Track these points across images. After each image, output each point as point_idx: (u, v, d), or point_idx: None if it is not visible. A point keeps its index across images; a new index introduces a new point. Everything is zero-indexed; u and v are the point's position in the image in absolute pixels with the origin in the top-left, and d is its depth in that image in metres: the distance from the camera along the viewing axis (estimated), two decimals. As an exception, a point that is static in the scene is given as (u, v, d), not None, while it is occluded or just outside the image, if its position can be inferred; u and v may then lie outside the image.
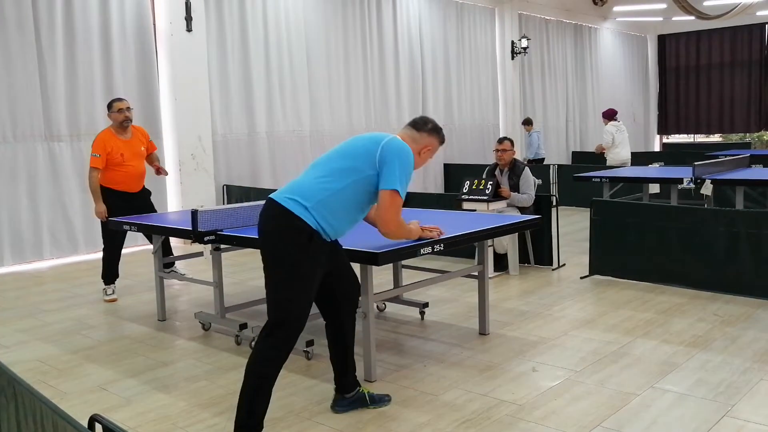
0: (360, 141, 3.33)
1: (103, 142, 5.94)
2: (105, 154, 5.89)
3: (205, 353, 4.55)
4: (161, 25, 9.01)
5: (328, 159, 3.29)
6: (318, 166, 3.27)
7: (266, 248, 3.17)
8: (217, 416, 3.52)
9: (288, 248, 3.10)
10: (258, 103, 10.09)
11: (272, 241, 3.14)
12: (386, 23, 12.05)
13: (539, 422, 3.32)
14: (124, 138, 6.04)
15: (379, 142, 3.25)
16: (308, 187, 3.15)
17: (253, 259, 7.54)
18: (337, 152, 3.30)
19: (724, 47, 19.13)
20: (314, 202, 3.10)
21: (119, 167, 5.97)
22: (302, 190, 3.14)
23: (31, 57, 7.86)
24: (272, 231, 3.15)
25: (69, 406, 3.68)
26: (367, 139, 3.32)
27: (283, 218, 3.10)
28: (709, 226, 5.56)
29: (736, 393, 3.58)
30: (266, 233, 3.17)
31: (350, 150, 3.28)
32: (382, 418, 3.42)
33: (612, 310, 5.20)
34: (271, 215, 3.15)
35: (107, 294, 6.10)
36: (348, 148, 3.30)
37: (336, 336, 3.49)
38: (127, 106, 6.08)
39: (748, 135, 18.96)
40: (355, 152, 3.25)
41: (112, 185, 5.99)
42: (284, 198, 3.12)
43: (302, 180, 3.22)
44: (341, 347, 3.50)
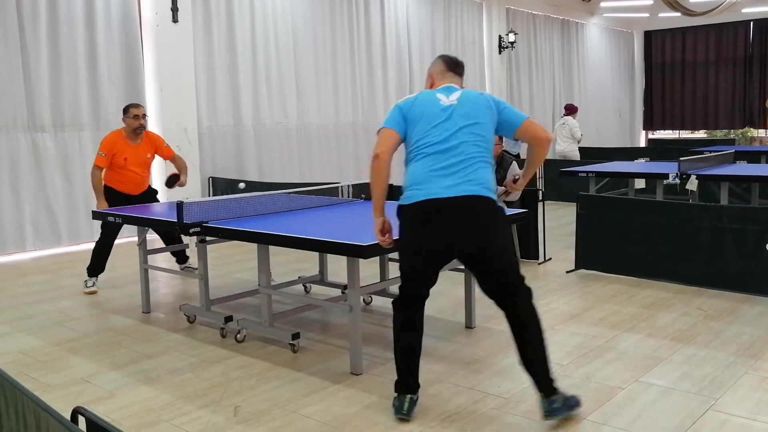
0: (478, 107, 3.34)
1: (111, 143, 5.99)
2: (110, 155, 5.94)
3: (189, 346, 4.52)
4: (147, 15, 8.93)
5: (474, 135, 3.28)
6: (469, 144, 3.26)
7: (492, 237, 3.22)
8: (202, 409, 3.50)
9: (505, 225, 3.34)
10: (244, 95, 10.03)
11: (498, 229, 3.24)
12: (374, 16, 12.01)
13: (525, 416, 3.32)
14: (133, 143, 6.06)
15: (487, 99, 3.39)
16: (484, 175, 3.25)
17: (238, 251, 7.51)
18: (473, 124, 3.28)
19: (709, 44, 19.23)
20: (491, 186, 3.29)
21: (121, 170, 6.02)
22: (485, 178, 3.24)
23: (15, 46, 7.76)
24: (494, 223, 3.23)
25: (52, 398, 3.64)
26: (481, 104, 3.35)
27: (493, 206, 3.25)
28: (694, 221, 5.59)
29: (720, 387, 3.60)
30: (489, 227, 3.22)
31: (481, 118, 3.31)
32: (368, 411, 3.41)
33: (598, 304, 5.22)
34: (486, 209, 3.22)
35: (87, 286, 6.07)
36: (476, 115, 3.31)
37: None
38: (143, 113, 6.12)
39: (733, 131, 19.11)
40: (484, 119, 3.32)
41: (113, 185, 6.06)
42: (481, 189, 3.20)
43: (471, 164, 3.23)
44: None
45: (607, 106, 18.43)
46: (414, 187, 3.23)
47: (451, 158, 3.20)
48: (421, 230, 3.23)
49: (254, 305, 5.34)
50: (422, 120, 3.29)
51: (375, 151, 3.29)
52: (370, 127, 12.04)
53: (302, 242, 3.93)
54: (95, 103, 8.49)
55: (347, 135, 11.65)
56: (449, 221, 3.16)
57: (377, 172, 3.29)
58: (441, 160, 3.20)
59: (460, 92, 3.36)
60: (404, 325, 3.38)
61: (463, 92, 3.37)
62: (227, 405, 3.55)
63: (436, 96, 3.35)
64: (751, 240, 5.30)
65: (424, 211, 3.19)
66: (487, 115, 3.33)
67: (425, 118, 3.29)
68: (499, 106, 3.39)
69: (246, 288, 5.58)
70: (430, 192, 3.17)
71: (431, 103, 3.33)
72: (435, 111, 3.29)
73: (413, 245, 3.29)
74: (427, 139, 3.25)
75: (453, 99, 3.33)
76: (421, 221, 3.22)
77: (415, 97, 3.39)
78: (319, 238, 3.85)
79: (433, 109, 3.30)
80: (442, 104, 3.31)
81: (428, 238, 3.23)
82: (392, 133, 3.32)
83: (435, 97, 3.35)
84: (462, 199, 3.15)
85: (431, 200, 3.16)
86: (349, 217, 4.75)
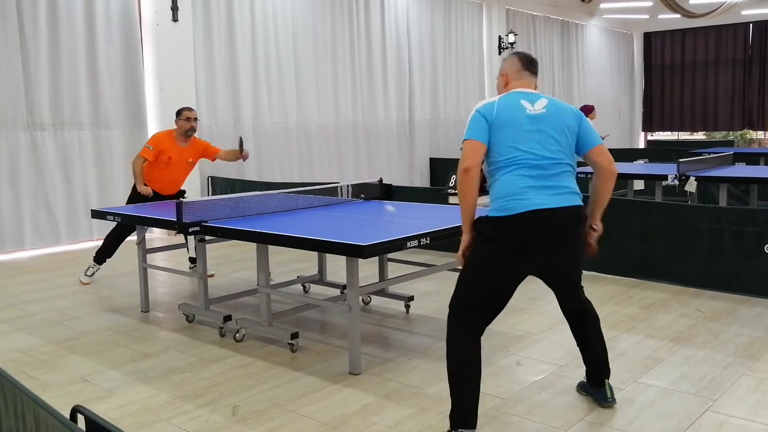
0: (565, 118, 3.19)
1: (160, 139, 6.15)
2: (157, 151, 6.05)
3: (188, 345, 4.52)
4: (147, 14, 8.93)
5: (562, 145, 3.14)
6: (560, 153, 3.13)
7: (580, 250, 3.27)
8: (200, 408, 3.50)
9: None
10: (244, 94, 10.03)
11: (580, 237, 3.23)
12: (374, 16, 12.01)
13: (523, 416, 3.33)
14: (181, 145, 6.18)
15: (573, 111, 3.26)
16: (575, 183, 3.17)
17: (238, 251, 7.51)
18: (561, 135, 3.15)
19: (708, 46, 19.24)
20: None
21: (162, 168, 6.11)
22: (575, 186, 3.16)
23: (14, 45, 7.75)
24: (582, 233, 3.24)
25: (50, 397, 3.64)
26: (568, 114, 3.21)
27: (583, 214, 3.22)
28: (693, 222, 5.60)
29: (718, 388, 3.60)
30: (580, 239, 3.24)
31: (567, 129, 3.17)
32: (367, 412, 3.41)
33: (596, 305, 5.17)
34: (580, 219, 3.18)
35: (86, 274, 6.24)
36: (563, 126, 3.17)
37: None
38: (195, 116, 6.24)
39: (732, 133, 19.12)
40: (570, 131, 3.19)
41: (147, 181, 6.14)
42: (577, 198, 3.13)
43: (563, 173, 3.11)
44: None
45: (606, 107, 18.43)
46: (509, 198, 3.01)
47: (546, 169, 3.05)
48: (520, 241, 3.02)
49: (253, 305, 5.34)
50: (508, 128, 3.08)
51: (464, 164, 3.02)
52: (370, 127, 12.05)
53: (301, 242, 3.93)
54: (95, 102, 8.49)
55: (347, 135, 11.65)
56: (553, 232, 3.05)
57: (468, 186, 3.05)
58: (536, 170, 3.03)
59: (546, 100, 3.18)
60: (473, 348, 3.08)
61: (550, 101, 3.20)
62: (226, 404, 3.55)
63: (521, 103, 3.14)
64: (749, 241, 5.30)
65: (525, 223, 2.99)
66: (573, 126, 3.19)
67: (511, 126, 3.08)
68: (581, 120, 3.24)
69: (245, 287, 5.58)
70: (532, 203, 2.99)
71: (516, 110, 3.12)
72: (521, 119, 3.10)
73: (506, 258, 3.05)
74: (518, 151, 3.05)
75: (540, 107, 3.14)
76: (520, 232, 3.01)
77: (496, 103, 3.14)
78: (319, 238, 3.86)
79: (519, 117, 3.10)
80: (528, 112, 3.12)
81: (525, 250, 3.04)
82: (479, 145, 3.06)
83: (519, 103, 3.13)
84: (564, 210, 3.05)
85: (533, 211, 2.98)
86: (349, 216, 4.75)
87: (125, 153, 8.78)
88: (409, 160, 12.97)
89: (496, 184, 3.10)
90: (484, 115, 3.09)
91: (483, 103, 3.17)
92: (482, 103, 3.18)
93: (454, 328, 3.11)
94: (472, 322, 3.09)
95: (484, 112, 3.11)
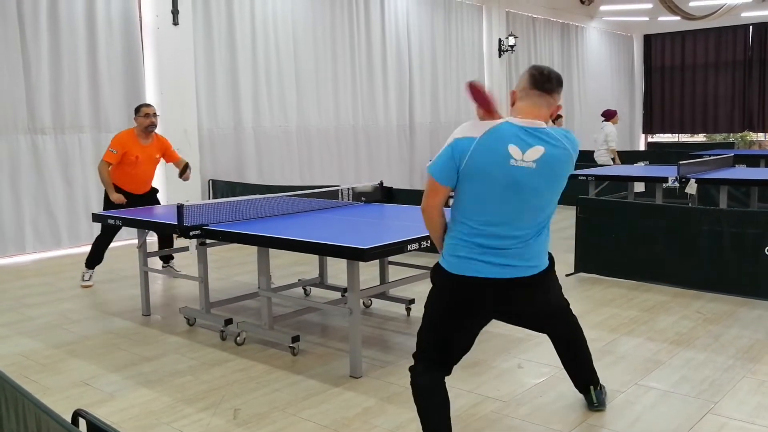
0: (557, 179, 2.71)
1: (123, 141, 6.12)
2: (121, 153, 6.04)
3: (189, 348, 4.52)
4: (147, 17, 8.94)
5: (539, 213, 2.75)
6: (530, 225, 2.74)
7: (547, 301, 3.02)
8: (202, 412, 3.50)
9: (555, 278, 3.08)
10: (244, 97, 10.04)
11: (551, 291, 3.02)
12: (374, 19, 12.03)
13: (524, 419, 3.33)
14: (144, 143, 6.18)
15: (570, 162, 2.72)
16: (538, 248, 2.80)
17: (238, 254, 7.51)
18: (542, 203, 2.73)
19: (709, 48, 19.26)
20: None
21: (131, 168, 6.11)
22: (538, 251, 2.81)
23: (15, 48, 7.77)
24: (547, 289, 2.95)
25: (52, 401, 3.64)
26: (562, 173, 2.71)
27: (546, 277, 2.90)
28: (694, 224, 5.60)
29: (719, 390, 3.60)
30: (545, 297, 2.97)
31: (555, 193, 2.75)
32: (367, 414, 3.42)
33: (597, 307, 5.23)
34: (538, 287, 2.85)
35: (84, 279, 6.27)
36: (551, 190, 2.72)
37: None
38: (154, 111, 6.24)
39: (732, 135, 19.12)
40: (557, 193, 2.77)
41: (119, 183, 6.14)
42: (531, 268, 2.78)
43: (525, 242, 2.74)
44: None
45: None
46: (457, 256, 2.71)
47: (507, 249, 2.68)
48: (464, 299, 2.77)
49: (254, 308, 5.35)
50: (477, 183, 2.62)
51: (423, 202, 2.80)
52: (370, 130, 12.07)
53: (302, 245, 3.93)
54: (95, 106, 8.50)
55: (347, 138, 11.66)
56: (491, 302, 2.76)
57: (429, 224, 2.85)
58: (495, 243, 2.67)
59: (542, 149, 2.60)
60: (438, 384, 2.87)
61: (547, 149, 2.61)
62: (227, 408, 3.55)
63: (508, 150, 2.58)
64: (750, 243, 5.30)
65: (463, 287, 2.73)
66: (565, 175, 2.72)
67: (482, 182, 2.61)
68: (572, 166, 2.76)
69: (246, 291, 5.59)
70: (477, 270, 2.68)
71: (497, 158, 2.59)
72: (498, 174, 2.59)
73: (452, 311, 2.81)
74: (479, 219, 2.67)
75: (530, 159, 2.59)
76: (459, 296, 2.76)
77: (476, 142, 2.60)
78: (319, 241, 3.86)
79: (496, 170, 2.59)
80: (512, 163, 2.58)
81: (471, 308, 2.79)
82: (441, 189, 2.72)
83: (505, 150, 2.58)
84: (512, 281, 2.71)
85: (473, 278, 2.69)
86: (349, 219, 4.76)
87: (126, 156, 8.80)
88: (410, 162, 12.98)
89: (449, 232, 2.79)
90: (454, 154, 2.62)
91: (463, 134, 2.65)
92: (464, 131, 2.67)
93: (415, 371, 2.89)
94: (433, 368, 2.87)
95: (456, 151, 2.62)
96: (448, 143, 2.66)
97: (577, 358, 3.35)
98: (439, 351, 2.87)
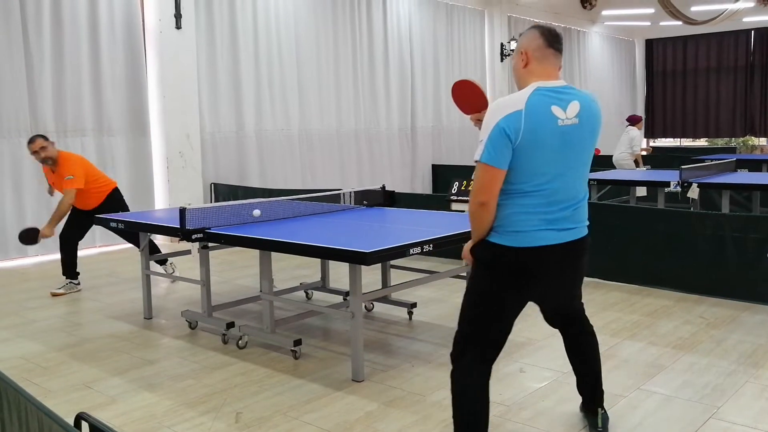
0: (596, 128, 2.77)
1: (77, 163, 6.17)
2: (84, 174, 6.13)
3: (191, 352, 4.52)
4: (150, 22, 8.96)
5: (585, 165, 2.79)
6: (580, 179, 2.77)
7: (580, 281, 3.05)
8: (203, 415, 3.50)
9: None
10: (247, 101, 10.05)
11: (585, 265, 2.95)
12: (376, 23, 12.04)
13: (527, 423, 3.32)
14: (54, 170, 6.20)
15: (600, 114, 2.81)
16: (585, 209, 2.85)
17: (241, 258, 7.51)
18: (587, 153, 2.78)
19: (710, 52, 19.28)
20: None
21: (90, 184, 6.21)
22: (585, 213, 2.86)
23: (18, 52, 7.79)
24: (586, 260, 2.93)
25: (54, 404, 3.64)
26: (598, 123, 2.78)
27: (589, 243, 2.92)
28: (696, 229, 5.60)
29: (721, 395, 3.60)
30: (582, 271, 2.97)
31: (594, 142, 2.79)
32: (370, 419, 3.41)
33: (599, 312, 5.22)
34: (586, 251, 2.89)
35: (67, 289, 6.24)
36: (592, 140, 2.77)
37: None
38: (34, 149, 6.08)
39: (734, 139, 19.12)
40: (595, 143, 2.80)
41: (93, 199, 6.28)
42: (585, 228, 2.85)
43: (578, 201, 2.77)
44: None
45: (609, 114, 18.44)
46: (516, 231, 2.65)
47: (565, 209, 2.69)
48: (521, 270, 2.70)
49: (256, 311, 5.35)
50: (535, 151, 2.58)
51: (480, 197, 2.63)
52: (372, 134, 12.07)
53: (304, 249, 3.93)
54: (98, 109, 8.52)
55: (349, 142, 11.67)
56: (559, 264, 2.75)
57: (483, 220, 2.68)
58: (554, 207, 2.66)
59: (578, 104, 2.67)
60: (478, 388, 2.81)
61: (582, 103, 2.68)
62: (229, 411, 3.55)
63: (552, 111, 2.61)
64: (752, 248, 5.30)
65: (529, 256, 2.67)
66: (598, 133, 2.80)
67: (540, 149, 2.59)
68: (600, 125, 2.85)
69: (248, 294, 5.59)
70: (541, 238, 2.66)
71: (547, 123, 2.59)
72: (552, 137, 2.60)
73: (506, 286, 2.75)
74: (539, 182, 2.63)
75: (572, 115, 2.64)
76: (522, 263, 2.69)
77: (524, 113, 2.56)
78: (322, 245, 3.86)
79: (549, 135, 2.59)
80: (560, 124, 2.61)
81: (525, 279, 2.73)
82: (498, 174, 2.59)
83: (550, 111, 2.60)
84: (573, 243, 2.74)
85: (540, 246, 2.66)
86: (352, 223, 4.76)
87: (128, 160, 8.82)
88: (412, 166, 12.98)
89: (504, 208, 2.67)
90: (509, 134, 2.54)
91: (506, 111, 2.58)
92: (505, 108, 2.59)
93: (461, 370, 2.81)
94: (481, 362, 2.81)
95: (509, 129, 2.54)
96: (493, 126, 2.56)
97: (588, 363, 3.22)
98: (488, 339, 2.80)
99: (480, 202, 2.64)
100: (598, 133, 2.79)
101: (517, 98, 2.62)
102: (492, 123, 2.58)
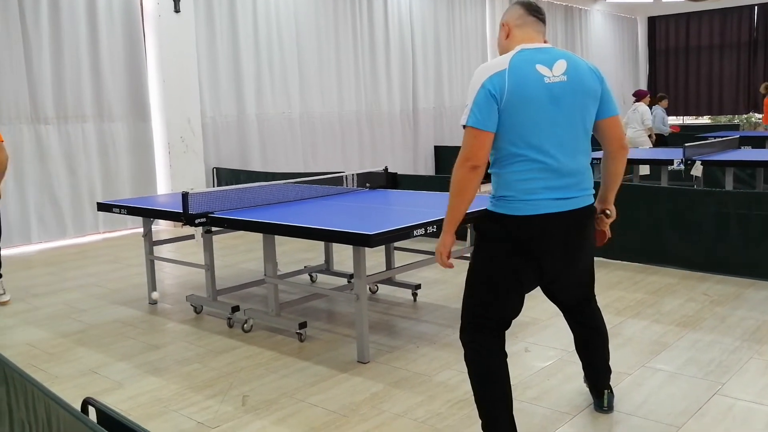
0: (590, 84, 2.66)
1: None
2: None
3: (197, 336, 4.54)
4: (148, 5, 8.90)
5: (584, 123, 2.68)
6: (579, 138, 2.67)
7: (590, 252, 2.91)
8: (210, 399, 3.51)
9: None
10: (247, 85, 10.01)
11: (591, 235, 2.86)
12: (377, 5, 11.95)
13: (532, 402, 3.33)
14: None
15: (596, 73, 2.72)
16: (590, 175, 2.77)
17: (244, 242, 7.52)
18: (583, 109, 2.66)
19: (713, 29, 19.13)
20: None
21: None
22: (590, 179, 2.77)
23: (16, 38, 7.74)
24: (592, 229, 2.86)
25: (60, 390, 3.66)
26: (592, 79, 2.68)
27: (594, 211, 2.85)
28: (699, 206, 5.58)
29: (726, 372, 3.60)
30: (587, 236, 2.82)
31: (591, 99, 2.68)
32: (375, 399, 3.42)
33: (603, 290, 5.22)
34: (592, 219, 2.83)
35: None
36: (586, 96, 2.66)
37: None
38: None
39: (737, 117, 19.03)
40: (593, 101, 2.70)
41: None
42: (590, 196, 2.76)
43: (580, 166, 2.69)
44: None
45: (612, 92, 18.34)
46: (516, 198, 2.60)
47: (564, 177, 2.61)
48: (525, 239, 2.63)
49: (261, 295, 5.36)
50: (523, 109, 2.52)
51: (469, 161, 2.56)
52: (374, 116, 12.03)
53: (308, 232, 3.93)
54: (98, 95, 8.48)
55: (351, 124, 11.63)
56: (563, 234, 2.66)
57: (469, 185, 2.59)
58: (552, 174, 2.60)
59: (564, 62, 2.61)
60: (494, 363, 2.72)
61: (569, 61, 2.62)
62: (235, 394, 3.56)
63: (536, 68, 2.56)
64: (756, 225, 5.29)
65: (532, 225, 2.60)
66: (597, 91, 2.68)
67: (528, 107, 2.53)
68: (603, 82, 2.73)
69: (252, 278, 5.60)
70: (543, 206, 2.59)
71: (532, 80, 2.54)
72: (539, 95, 2.54)
73: (511, 257, 2.66)
74: (533, 148, 2.56)
75: (559, 72, 2.58)
76: (525, 233, 2.62)
77: (507, 72, 2.53)
78: (325, 228, 3.86)
79: (536, 92, 2.53)
80: (546, 81, 2.56)
81: (530, 249, 2.64)
82: (486, 137, 2.55)
83: (534, 69, 2.56)
84: (576, 212, 2.66)
85: (543, 215, 2.59)
86: (354, 206, 4.75)
87: (129, 145, 8.80)
88: (414, 148, 12.95)
89: (501, 177, 2.64)
90: (494, 94, 2.50)
91: (489, 72, 2.55)
92: (488, 70, 2.56)
93: (475, 346, 2.74)
94: (495, 336, 2.75)
95: (493, 88, 2.51)
96: (479, 88, 2.53)
97: (604, 346, 3.18)
98: (501, 316, 2.74)
99: (471, 165, 2.56)
100: (597, 94, 2.68)
101: (501, 60, 2.60)
102: (477, 85, 2.55)
